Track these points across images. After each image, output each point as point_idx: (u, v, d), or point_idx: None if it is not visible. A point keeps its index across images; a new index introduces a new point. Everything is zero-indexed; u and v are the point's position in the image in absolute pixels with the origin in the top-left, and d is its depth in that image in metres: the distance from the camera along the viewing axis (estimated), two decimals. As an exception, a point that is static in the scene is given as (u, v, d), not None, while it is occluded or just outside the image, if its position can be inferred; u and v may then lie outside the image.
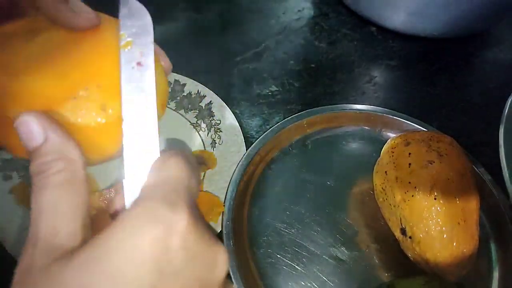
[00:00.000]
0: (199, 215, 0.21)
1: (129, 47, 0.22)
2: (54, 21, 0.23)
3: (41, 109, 0.20)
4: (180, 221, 0.19)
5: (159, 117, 0.24)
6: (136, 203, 0.20)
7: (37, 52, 0.22)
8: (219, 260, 0.21)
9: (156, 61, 0.24)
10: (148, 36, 0.22)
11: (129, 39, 0.22)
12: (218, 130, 0.46)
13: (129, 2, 0.23)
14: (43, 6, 0.23)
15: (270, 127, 0.46)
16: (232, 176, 0.41)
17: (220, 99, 0.48)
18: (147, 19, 0.23)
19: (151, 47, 0.22)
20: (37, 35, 0.23)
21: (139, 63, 0.22)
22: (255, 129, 0.47)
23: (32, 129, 0.20)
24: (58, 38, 0.23)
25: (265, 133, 0.45)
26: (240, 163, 0.42)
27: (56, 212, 0.19)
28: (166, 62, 0.27)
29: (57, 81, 0.21)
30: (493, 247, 0.40)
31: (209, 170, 0.43)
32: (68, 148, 0.20)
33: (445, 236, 0.34)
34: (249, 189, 0.42)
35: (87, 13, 0.23)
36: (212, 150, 0.44)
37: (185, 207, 0.19)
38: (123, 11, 0.23)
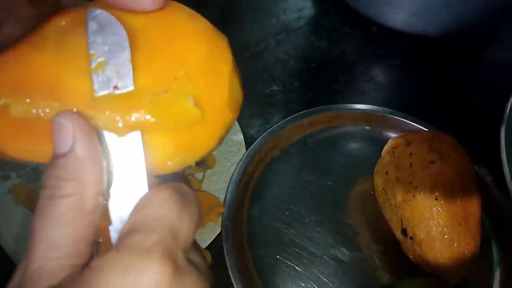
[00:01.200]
0: (188, 257, 0.19)
1: (102, 69, 0.18)
2: (115, 4, 0.20)
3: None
4: (152, 274, 0.17)
5: (218, 143, 0.21)
6: (108, 253, 0.17)
7: None
8: None
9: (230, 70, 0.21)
10: (123, 52, 0.19)
11: (101, 59, 0.19)
12: (218, 130, 0.45)
13: (97, 14, 0.19)
14: None
15: (270, 127, 0.46)
16: (231, 176, 0.41)
17: (220, 99, 0.48)
18: (121, 32, 0.19)
19: (128, 66, 0.19)
20: None
21: (115, 87, 0.18)
22: (255, 129, 0.47)
23: (62, 134, 0.18)
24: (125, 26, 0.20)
25: (265, 133, 0.45)
26: (240, 163, 0.42)
27: (51, 244, 0.17)
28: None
29: (143, 73, 0.19)
30: (494, 247, 0.40)
31: (209, 170, 0.43)
32: (86, 170, 0.18)
33: (446, 236, 0.34)
34: (249, 189, 0.42)
35: None
36: (211, 150, 0.44)
37: (160, 255, 0.17)
38: (91, 26, 0.19)
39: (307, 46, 0.57)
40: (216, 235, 0.38)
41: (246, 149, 0.43)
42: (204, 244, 0.37)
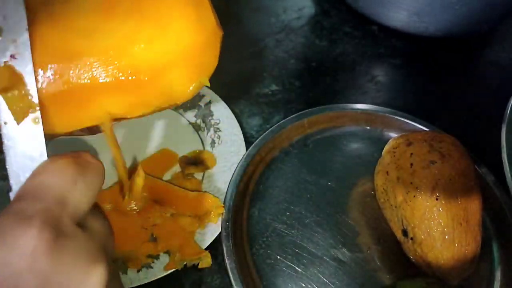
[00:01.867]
0: (78, 228, 0.19)
1: None
2: None
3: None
4: (28, 240, 0.16)
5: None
6: None
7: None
8: (91, 283, 0.18)
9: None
10: (21, 21, 0.18)
11: None
12: (218, 130, 0.45)
13: None
14: None
15: (270, 127, 0.45)
16: (231, 177, 0.41)
17: (220, 98, 0.47)
18: (20, 4, 0.18)
19: (26, 35, 0.18)
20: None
21: (13, 56, 0.18)
22: (255, 128, 0.47)
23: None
24: None
25: (265, 133, 0.44)
26: (240, 163, 0.42)
27: None
28: None
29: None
30: (495, 248, 0.39)
31: (209, 170, 0.42)
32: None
33: (447, 237, 0.34)
34: (249, 190, 0.42)
35: None
36: (211, 150, 0.44)
37: (40, 222, 0.17)
38: None
39: (307, 46, 0.57)
40: (216, 235, 0.37)
41: (246, 149, 0.43)
42: (204, 245, 0.37)
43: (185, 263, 0.36)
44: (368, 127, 0.47)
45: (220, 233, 0.37)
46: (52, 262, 0.17)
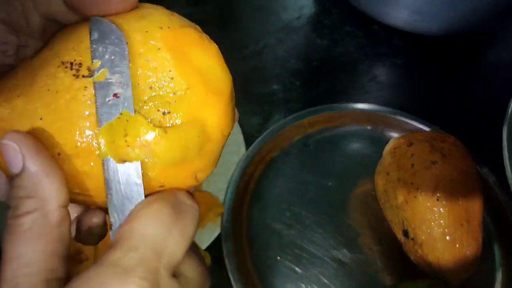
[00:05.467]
0: (175, 279, 0.18)
1: (104, 79, 0.19)
2: (77, 6, 0.20)
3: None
4: None
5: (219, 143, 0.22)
6: (90, 268, 0.17)
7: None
8: None
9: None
10: (124, 61, 0.19)
11: (104, 69, 0.19)
12: (218, 130, 0.45)
13: (101, 24, 0.20)
14: None
15: (271, 127, 0.45)
16: (231, 177, 0.41)
17: (220, 98, 0.47)
18: (122, 41, 0.19)
19: (128, 74, 0.19)
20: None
21: (115, 95, 0.19)
22: (255, 128, 0.47)
23: (10, 154, 0.18)
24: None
25: (265, 133, 0.44)
26: (240, 163, 0.42)
27: (21, 262, 0.17)
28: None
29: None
30: (496, 248, 0.39)
31: (209, 170, 0.42)
32: (43, 184, 0.18)
33: (448, 237, 0.34)
34: (249, 190, 0.42)
35: None
36: (211, 150, 0.44)
37: (139, 275, 0.17)
38: (94, 35, 0.19)
39: (308, 45, 0.57)
40: (215, 235, 0.37)
41: (246, 149, 0.43)
42: (203, 245, 0.37)
43: (184, 263, 0.36)
44: (369, 127, 0.47)
45: (220, 233, 0.37)
46: None
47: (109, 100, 0.19)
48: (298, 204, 0.41)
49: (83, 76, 0.19)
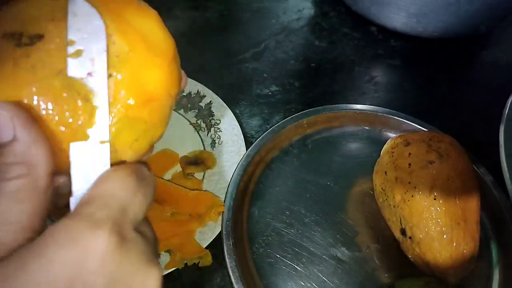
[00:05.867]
0: (137, 233, 0.20)
1: (79, 57, 0.19)
2: None
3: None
4: (99, 243, 0.18)
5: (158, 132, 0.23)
6: (61, 220, 0.19)
7: None
8: (149, 285, 0.20)
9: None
10: (100, 43, 0.20)
11: (79, 48, 0.19)
12: (218, 130, 0.46)
13: (77, 2, 0.20)
14: None
15: (270, 127, 0.46)
16: (232, 176, 0.41)
17: (220, 99, 0.48)
18: (99, 23, 0.20)
19: (103, 55, 0.20)
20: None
21: (89, 74, 0.19)
22: (255, 129, 0.47)
23: (1, 123, 0.19)
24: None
25: (265, 133, 0.45)
26: (240, 163, 0.42)
27: (4, 220, 0.18)
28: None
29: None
30: (493, 247, 0.40)
31: (209, 170, 0.43)
32: (32, 152, 0.19)
33: (445, 236, 0.34)
34: (249, 189, 0.42)
35: None
36: (211, 150, 0.44)
37: (108, 227, 0.18)
38: (70, 12, 0.20)
39: (307, 47, 0.57)
40: (216, 234, 0.38)
41: (246, 149, 0.43)
42: (204, 244, 0.37)
43: (185, 262, 0.36)
44: (367, 127, 0.48)
45: (221, 232, 0.38)
46: (119, 264, 0.19)
47: (82, 79, 0.19)
48: (298, 203, 0.41)
49: (25, 45, 0.19)
